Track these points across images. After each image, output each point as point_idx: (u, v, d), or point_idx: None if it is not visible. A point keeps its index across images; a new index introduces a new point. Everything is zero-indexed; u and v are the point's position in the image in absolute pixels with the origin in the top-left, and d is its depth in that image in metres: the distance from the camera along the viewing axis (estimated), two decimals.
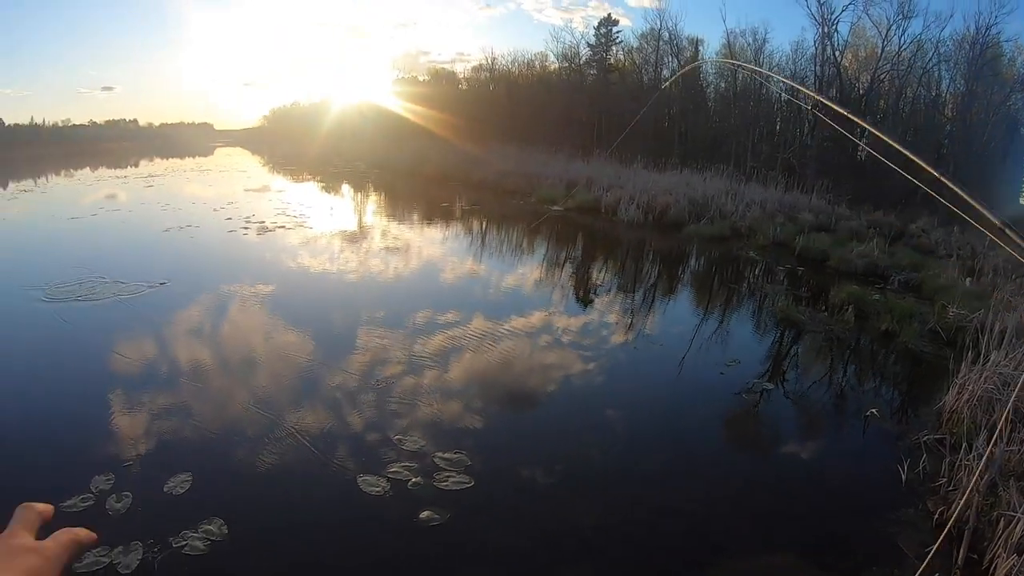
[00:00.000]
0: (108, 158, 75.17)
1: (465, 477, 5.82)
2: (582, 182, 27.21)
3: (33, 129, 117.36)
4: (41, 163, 64.81)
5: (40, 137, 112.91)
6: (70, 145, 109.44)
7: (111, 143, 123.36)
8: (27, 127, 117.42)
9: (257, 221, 21.14)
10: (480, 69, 58.32)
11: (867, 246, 16.43)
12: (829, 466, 6.59)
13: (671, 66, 44.39)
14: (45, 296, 11.45)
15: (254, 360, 8.72)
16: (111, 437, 6.49)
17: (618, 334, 10.54)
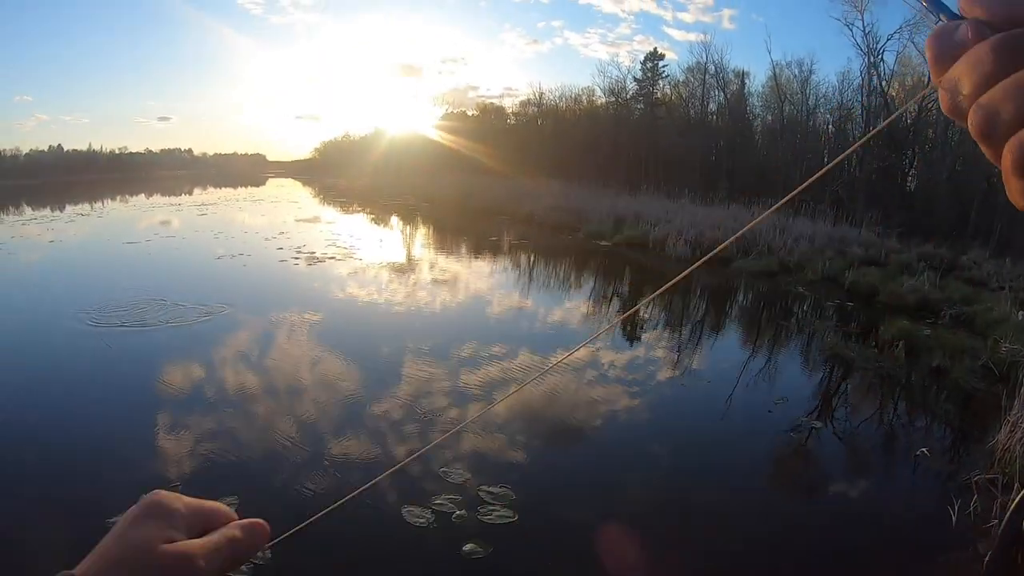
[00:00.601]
0: (163, 185, 76.90)
1: (509, 511, 5.88)
2: (630, 217, 27.28)
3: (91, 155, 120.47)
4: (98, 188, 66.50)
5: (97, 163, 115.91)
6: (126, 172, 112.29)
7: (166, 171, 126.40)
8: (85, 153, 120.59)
9: (308, 251, 21.51)
10: (528, 104, 58.90)
11: (918, 280, 16.29)
12: (878, 506, 6.56)
13: (718, 99, 44.43)
14: (95, 319, 11.84)
15: (302, 387, 8.91)
16: (159, 457, 6.71)
17: (665, 370, 10.59)
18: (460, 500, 6.05)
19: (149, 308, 12.84)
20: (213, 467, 6.60)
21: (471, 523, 5.70)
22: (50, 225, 30.58)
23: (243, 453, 7.01)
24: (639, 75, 48.86)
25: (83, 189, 66.36)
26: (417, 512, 5.81)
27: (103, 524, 5.25)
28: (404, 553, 5.38)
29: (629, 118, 48.12)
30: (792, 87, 39.24)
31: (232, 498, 5.85)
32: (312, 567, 5.12)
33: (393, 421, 7.87)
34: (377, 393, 8.75)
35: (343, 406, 8.37)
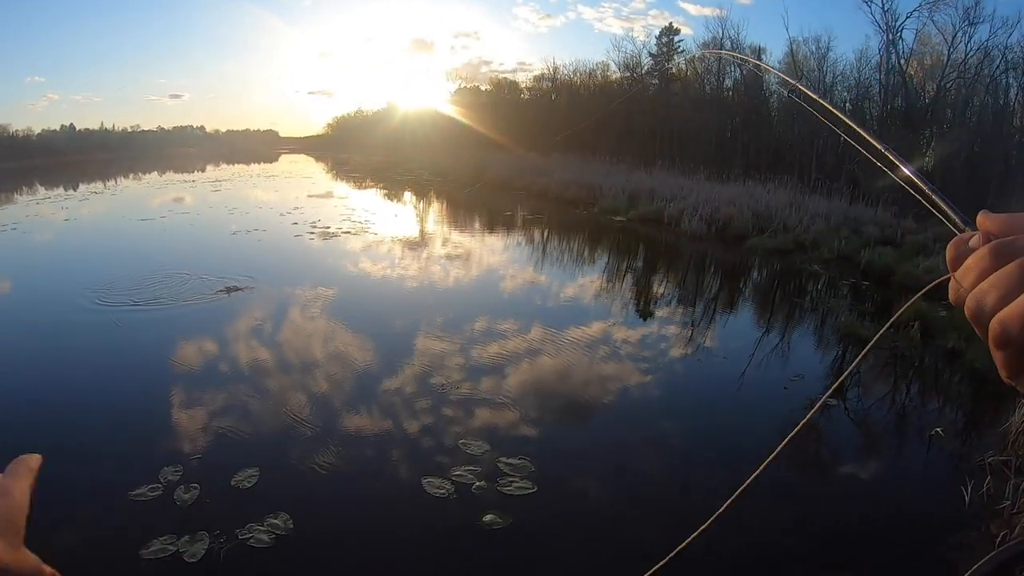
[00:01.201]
0: (175, 163, 76.88)
1: (528, 483, 5.96)
2: (644, 193, 27.19)
3: (103, 134, 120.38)
4: (111, 167, 66.57)
5: (110, 142, 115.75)
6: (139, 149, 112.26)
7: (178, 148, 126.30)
8: (98, 132, 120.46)
9: (323, 226, 21.59)
10: (542, 79, 58.49)
11: (934, 260, 16.21)
12: (891, 486, 6.60)
13: (733, 75, 44.05)
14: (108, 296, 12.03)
15: (323, 361, 9.00)
16: (181, 430, 6.83)
17: (681, 346, 10.63)
18: (479, 471, 6.13)
19: (165, 283, 13.01)
20: (236, 441, 6.69)
21: (490, 494, 5.78)
22: (64, 204, 30.73)
23: (266, 422, 7.11)
24: (654, 50, 48.59)
25: (96, 168, 66.50)
26: (437, 483, 5.90)
27: (126, 495, 5.38)
28: (424, 523, 5.44)
29: (644, 93, 47.79)
30: (809, 64, 38.87)
31: (254, 469, 5.95)
32: (333, 535, 5.21)
33: (413, 393, 7.96)
34: (397, 365, 8.86)
35: (363, 378, 8.48)
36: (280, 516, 5.27)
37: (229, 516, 5.26)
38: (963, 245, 0.66)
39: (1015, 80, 31.76)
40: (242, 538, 5.01)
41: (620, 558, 5.08)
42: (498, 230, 23.46)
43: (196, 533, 5.01)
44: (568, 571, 4.98)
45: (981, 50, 31.62)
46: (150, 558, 4.76)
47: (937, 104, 33.42)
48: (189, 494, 5.56)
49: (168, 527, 5.08)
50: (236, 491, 5.68)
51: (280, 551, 4.92)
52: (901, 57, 33.71)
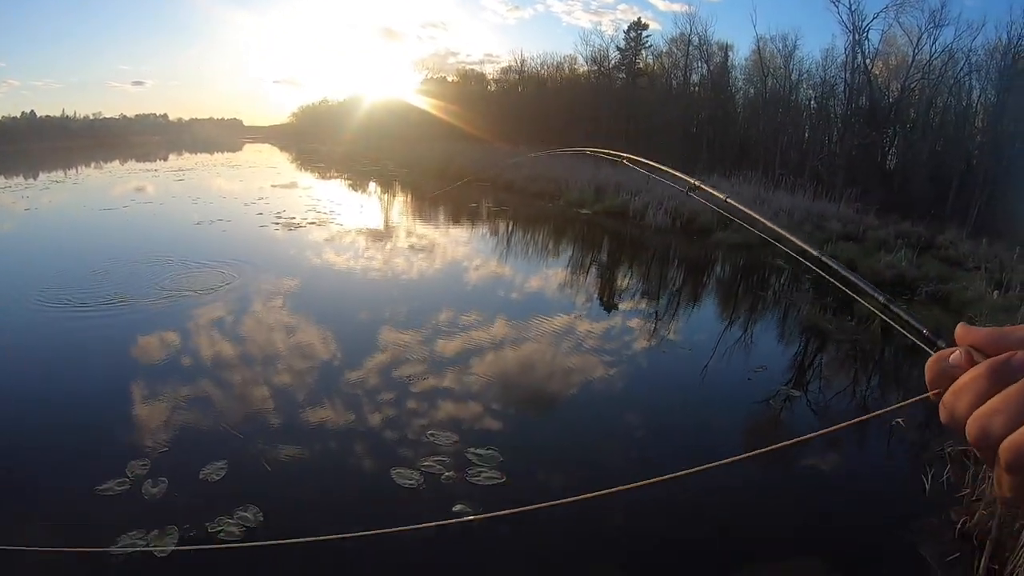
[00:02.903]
0: (138, 151, 75.83)
1: (497, 473, 5.95)
2: (610, 186, 27.22)
3: (64, 121, 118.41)
4: (72, 155, 65.58)
5: (71, 129, 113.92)
6: (100, 138, 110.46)
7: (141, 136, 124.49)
8: (58, 119, 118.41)
9: (287, 217, 21.39)
10: (509, 71, 58.53)
11: (895, 257, 16.41)
12: (854, 475, 6.67)
13: (700, 71, 44.34)
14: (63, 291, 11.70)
15: (289, 354, 8.88)
16: (147, 425, 6.67)
17: (646, 338, 10.65)
18: (448, 462, 6.11)
19: (127, 275, 12.83)
20: (203, 434, 6.59)
21: (460, 484, 5.77)
22: (24, 193, 30.06)
23: (233, 415, 7.01)
24: (622, 44, 48.71)
25: (57, 156, 65.38)
26: (406, 474, 5.87)
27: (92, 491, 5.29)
28: (394, 514, 5.41)
29: (611, 87, 47.94)
30: (776, 62, 39.13)
31: (222, 462, 5.87)
32: (304, 527, 5.15)
33: (382, 386, 7.92)
34: (365, 358, 8.78)
35: (331, 371, 8.42)
36: (250, 509, 5.20)
37: (198, 509, 5.18)
38: (944, 363, 0.65)
39: (978, 82, 32.25)
40: (212, 531, 4.94)
41: (587, 547, 5.09)
42: (463, 222, 23.42)
43: (165, 527, 4.93)
44: (537, 560, 4.96)
45: (946, 52, 32.08)
46: (119, 553, 4.67)
47: (901, 104, 33.84)
48: (157, 488, 5.45)
49: (137, 522, 4.98)
50: (205, 484, 5.59)
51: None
52: (867, 57, 34.10)
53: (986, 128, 31.91)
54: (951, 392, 0.62)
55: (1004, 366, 0.59)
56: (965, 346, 0.64)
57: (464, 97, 55.64)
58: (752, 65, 41.31)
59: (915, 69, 32.90)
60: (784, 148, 36.34)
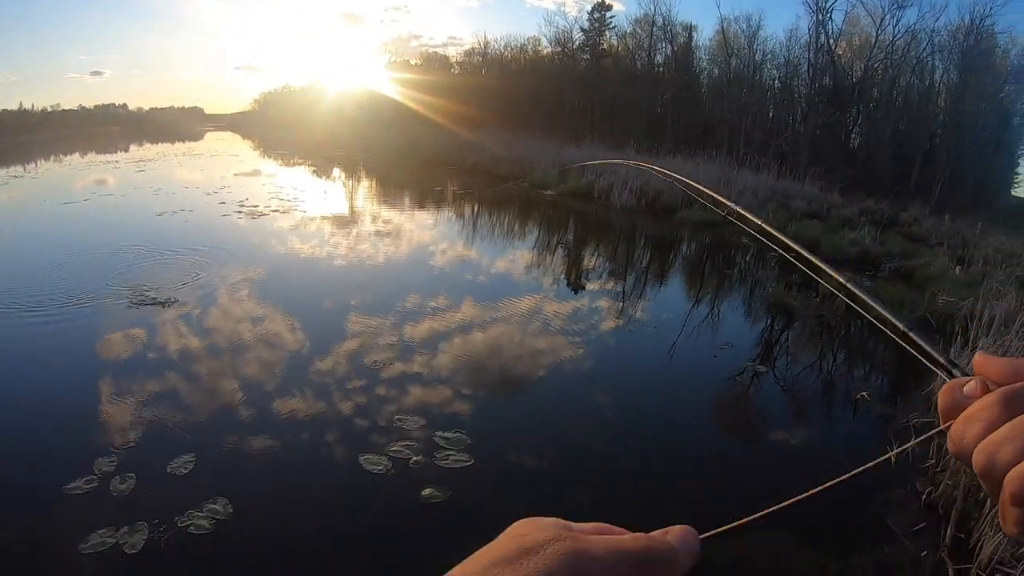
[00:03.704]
0: (98, 143, 74.83)
1: (465, 455, 5.92)
2: (575, 167, 27.25)
3: (22, 114, 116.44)
4: (30, 149, 64.50)
5: (29, 123, 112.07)
6: (59, 130, 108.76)
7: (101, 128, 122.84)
8: (16, 112, 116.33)
9: (251, 205, 21.13)
10: (472, 53, 58.33)
11: (859, 234, 16.54)
12: (820, 447, 6.69)
13: (664, 52, 44.38)
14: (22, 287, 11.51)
15: (253, 344, 8.76)
16: (112, 421, 6.53)
17: (612, 318, 10.62)
18: (416, 447, 6.07)
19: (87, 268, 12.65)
20: (169, 428, 6.46)
21: (428, 468, 5.74)
22: None
23: (198, 408, 6.91)
24: (586, 26, 48.67)
25: (15, 151, 64.09)
26: (374, 460, 5.82)
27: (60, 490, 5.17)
28: (363, 500, 5.38)
29: (575, 69, 47.89)
30: (739, 42, 39.30)
31: (189, 456, 5.77)
32: (274, 517, 5.11)
33: (348, 372, 7.85)
34: (329, 345, 8.70)
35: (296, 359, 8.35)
36: (219, 501, 5.12)
37: (167, 504, 5.09)
38: (958, 392, 0.63)
39: (941, 63, 32.56)
40: (182, 525, 4.84)
41: None
42: (428, 206, 23.28)
43: (135, 523, 4.83)
44: None
45: (909, 32, 32.37)
46: (89, 552, 4.57)
47: (864, 83, 34.12)
48: (125, 484, 5.34)
49: (106, 519, 4.89)
50: (173, 478, 5.49)
51: (221, 536, 4.79)
52: (830, 37, 34.28)
53: (948, 107, 32.27)
54: (960, 420, 0.61)
55: (1016, 395, 0.57)
56: (980, 376, 0.63)
57: (428, 81, 55.28)
58: (716, 45, 41.52)
59: (878, 49, 33.16)
60: (748, 128, 36.54)
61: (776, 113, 38.24)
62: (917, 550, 4.82)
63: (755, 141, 34.94)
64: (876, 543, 4.90)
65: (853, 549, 4.84)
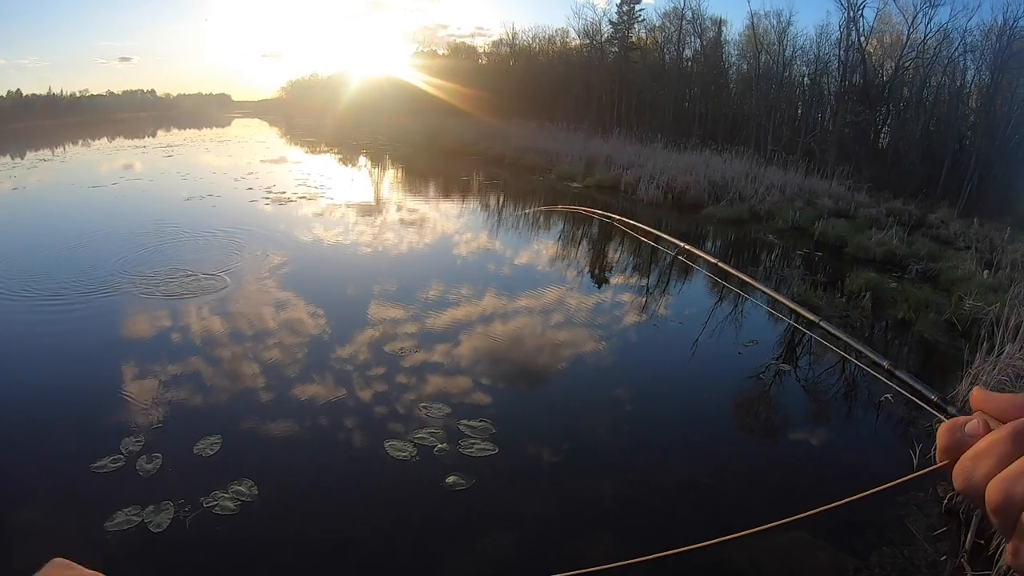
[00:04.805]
0: (126, 128, 75.44)
1: (489, 444, 5.99)
2: (601, 160, 27.17)
3: (51, 99, 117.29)
4: (59, 133, 65.16)
5: (58, 107, 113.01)
6: (88, 115, 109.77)
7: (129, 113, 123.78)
8: (45, 97, 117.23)
9: (277, 192, 21.32)
10: (500, 44, 58.07)
11: (886, 234, 16.39)
12: (842, 448, 6.68)
13: (693, 46, 44.08)
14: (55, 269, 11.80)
15: (280, 329, 8.87)
16: (140, 401, 6.66)
17: (635, 312, 10.63)
18: (441, 434, 6.15)
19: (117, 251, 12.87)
20: (196, 410, 6.61)
21: (453, 456, 5.80)
22: (11, 173, 29.77)
23: (226, 390, 7.04)
24: (615, 18, 48.39)
25: (44, 134, 64.83)
26: (399, 446, 5.91)
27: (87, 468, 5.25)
28: (388, 485, 5.44)
29: (603, 61, 47.68)
30: (769, 37, 38.92)
31: (216, 437, 5.85)
32: (299, 500, 5.19)
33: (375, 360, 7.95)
34: (357, 332, 8.84)
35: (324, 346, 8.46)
36: (244, 483, 5.22)
37: (193, 484, 5.18)
38: (959, 431, 0.62)
39: (972, 63, 32.10)
40: (207, 506, 4.94)
41: (580, 517, 5.12)
42: (454, 196, 23.34)
43: (161, 503, 4.93)
44: (530, 531, 4.97)
45: (941, 31, 31.83)
46: (115, 530, 4.67)
47: (895, 82, 33.68)
48: (152, 464, 5.46)
49: (132, 498, 4.99)
50: (199, 459, 5.60)
51: (246, 517, 4.88)
52: (861, 35, 33.86)
53: (979, 108, 31.82)
54: (970, 457, 0.59)
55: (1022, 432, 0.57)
56: (980, 414, 0.62)
57: (455, 71, 55.21)
58: (746, 40, 41.11)
59: (910, 48, 32.70)
60: (777, 124, 36.22)
61: (805, 110, 37.83)
62: (936, 554, 4.83)
63: (783, 138, 34.66)
64: (895, 546, 4.90)
65: (872, 551, 4.85)
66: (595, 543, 4.83)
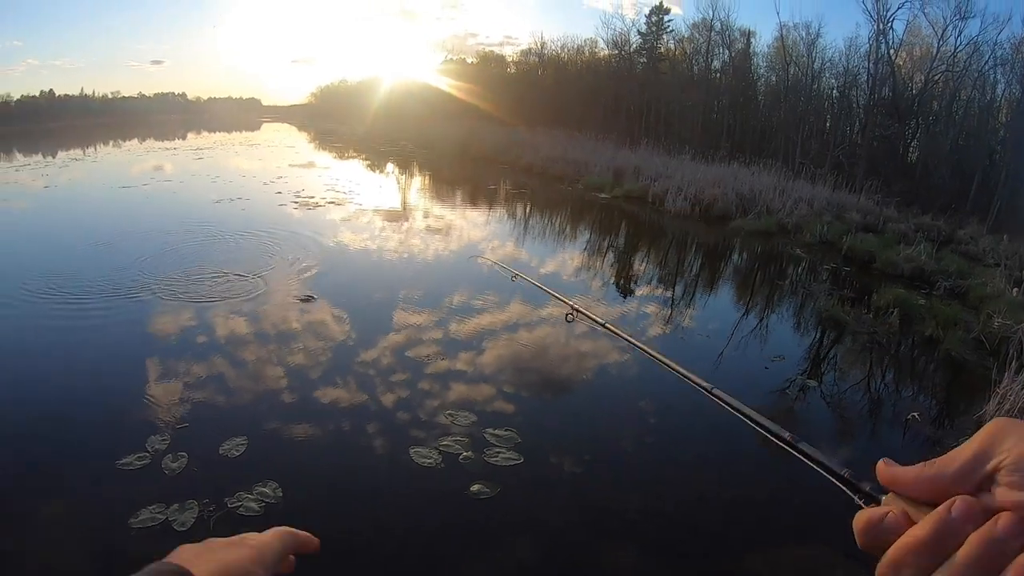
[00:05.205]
0: (156, 130, 76.26)
1: (515, 454, 6.01)
2: (629, 171, 27.17)
3: (83, 100, 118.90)
4: (91, 133, 65.97)
5: (90, 108, 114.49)
6: (119, 116, 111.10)
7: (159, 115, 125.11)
8: (77, 98, 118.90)
9: (306, 196, 21.49)
10: (529, 53, 58.13)
11: (914, 250, 16.28)
12: (868, 468, 6.65)
13: (722, 57, 43.97)
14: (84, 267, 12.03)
15: (307, 332, 8.95)
16: (167, 400, 6.77)
17: (660, 323, 10.65)
18: (466, 442, 6.18)
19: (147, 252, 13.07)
20: (223, 411, 6.70)
21: (478, 464, 5.83)
22: (43, 171, 30.24)
23: (253, 392, 7.13)
24: (643, 29, 48.38)
25: (76, 134, 65.68)
26: (424, 453, 5.95)
27: (112, 465, 5.35)
28: (412, 492, 5.48)
29: (631, 71, 47.65)
30: (798, 49, 38.73)
31: (242, 439, 5.94)
32: (323, 504, 5.24)
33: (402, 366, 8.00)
34: (385, 338, 8.91)
35: (351, 351, 8.51)
36: (269, 485, 5.28)
37: (218, 485, 5.25)
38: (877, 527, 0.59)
39: (1003, 76, 31.79)
40: (231, 507, 5.01)
41: (603, 529, 5.13)
42: (481, 204, 23.40)
43: (185, 502, 5.01)
44: (553, 541, 5.00)
45: (971, 45, 31.54)
46: (139, 527, 4.75)
47: (924, 96, 33.44)
48: (177, 463, 5.55)
49: (156, 496, 5.07)
50: (224, 460, 5.68)
51: (269, 519, 4.89)
52: (891, 47, 33.66)
53: (1010, 123, 31.53)
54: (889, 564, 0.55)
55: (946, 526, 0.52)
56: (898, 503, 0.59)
57: (483, 79, 55.42)
58: (774, 52, 40.94)
59: (939, 61, 32.44)
60: (805, 137, 36.04)
61: (833, 123, 37.62)
62: None
63: (812, 151, 34.49)
64: None
65: None
66: (618, 556, 4.86)
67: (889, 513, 0.58)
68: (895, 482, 0.60)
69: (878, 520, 0.58)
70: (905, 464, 0.61)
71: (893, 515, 0.57)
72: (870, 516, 0.59)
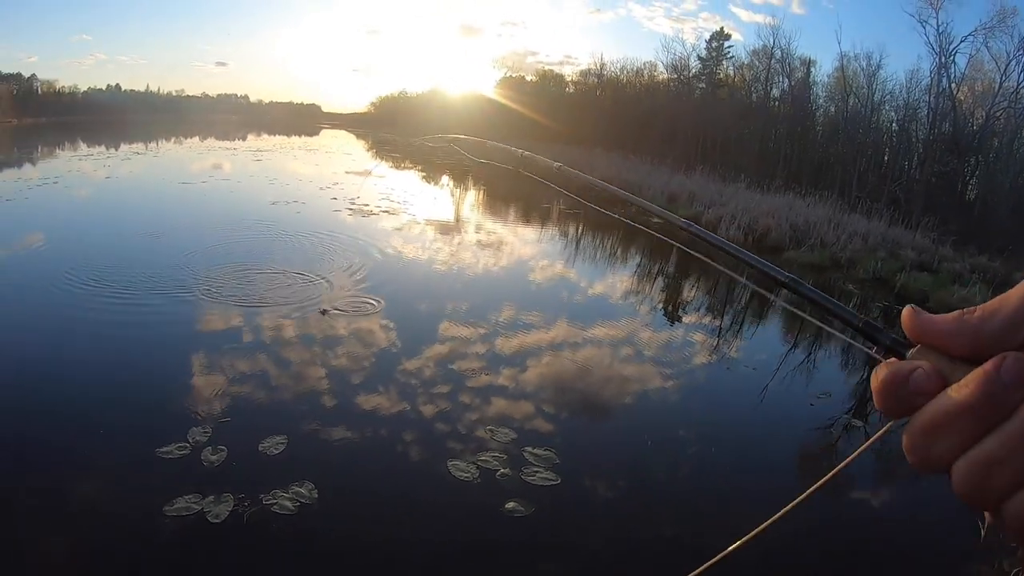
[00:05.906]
0: (217, 129, 77.52)
1: (552, 474, 6.02)
2: (683, 196, 27.16)
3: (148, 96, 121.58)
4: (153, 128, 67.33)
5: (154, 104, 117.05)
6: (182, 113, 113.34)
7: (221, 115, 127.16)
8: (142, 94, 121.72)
9: (361, 204, 21.70)
10: (588, 73, 58.52)
11: (969, 291, 16.07)
12: (907, 513, 6.56)
13: (781, 85, 43.73)
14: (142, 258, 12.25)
15: (352, 339, 9.08)
16: (211, 394, 6.96)
17: (706, 353, 10.62)
18: (504, 459, 6.20)
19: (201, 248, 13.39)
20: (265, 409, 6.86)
21: (514, 482, 5.85)
22: (105, 162, 31.08)
23: (297, 394, 7.27)
24: (703, 54, 48.37)
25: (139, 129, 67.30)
26: (462, 467, 5.98)
27: (152, 452, 5.51)
28: (447, 504, 5.53)
29: (690, 96, 47.60)
30: (858, 80, 38.43)
31: (282, 438, 6.07)
32: (357, 508, 5.33)
33: (445, 379, 8.06)
34: (430, 351, 8.94)
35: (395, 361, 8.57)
36: (305, 485, 5.35)
37: (255, 480, 5.35)
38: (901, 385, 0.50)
39: None
40: (266, 503, 5.10)
41: (637, 556, 5.16)
42: (534, 222, 23.54)
43: (221, 494, 5.11)
44: (584, 562, 5.05)
45: None
46: (173, 515, 4.86)
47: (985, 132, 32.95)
48: (216, 456, 5.67)
49: (193, 486, 5.18)
50: (263, 457, 5.79)
51: (303, 519, 5.01)
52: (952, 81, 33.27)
53: None
54: (921, 431, 0.48)
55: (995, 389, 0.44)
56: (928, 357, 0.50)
57: (541, 97, 55.78)
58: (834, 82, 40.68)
59: (1001, 96, 31.96)
60: (863, 170, 35.67)
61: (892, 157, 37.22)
62: None
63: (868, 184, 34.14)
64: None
65: None
66: None
67: (919, 369, 0.49)
68: (926, 332, 0.51)
69: (904, 376, 0.49)
70: None
71: (923, 371, 0.49)
72: (896, 371, 0.50)
